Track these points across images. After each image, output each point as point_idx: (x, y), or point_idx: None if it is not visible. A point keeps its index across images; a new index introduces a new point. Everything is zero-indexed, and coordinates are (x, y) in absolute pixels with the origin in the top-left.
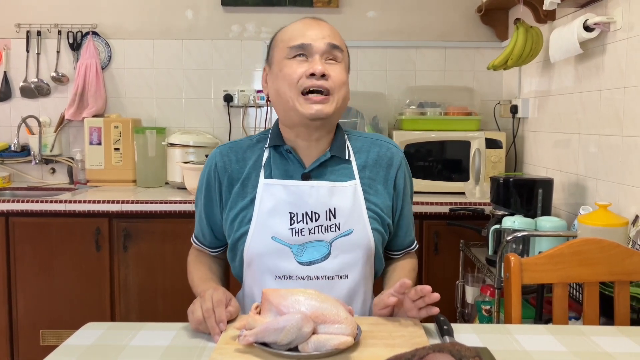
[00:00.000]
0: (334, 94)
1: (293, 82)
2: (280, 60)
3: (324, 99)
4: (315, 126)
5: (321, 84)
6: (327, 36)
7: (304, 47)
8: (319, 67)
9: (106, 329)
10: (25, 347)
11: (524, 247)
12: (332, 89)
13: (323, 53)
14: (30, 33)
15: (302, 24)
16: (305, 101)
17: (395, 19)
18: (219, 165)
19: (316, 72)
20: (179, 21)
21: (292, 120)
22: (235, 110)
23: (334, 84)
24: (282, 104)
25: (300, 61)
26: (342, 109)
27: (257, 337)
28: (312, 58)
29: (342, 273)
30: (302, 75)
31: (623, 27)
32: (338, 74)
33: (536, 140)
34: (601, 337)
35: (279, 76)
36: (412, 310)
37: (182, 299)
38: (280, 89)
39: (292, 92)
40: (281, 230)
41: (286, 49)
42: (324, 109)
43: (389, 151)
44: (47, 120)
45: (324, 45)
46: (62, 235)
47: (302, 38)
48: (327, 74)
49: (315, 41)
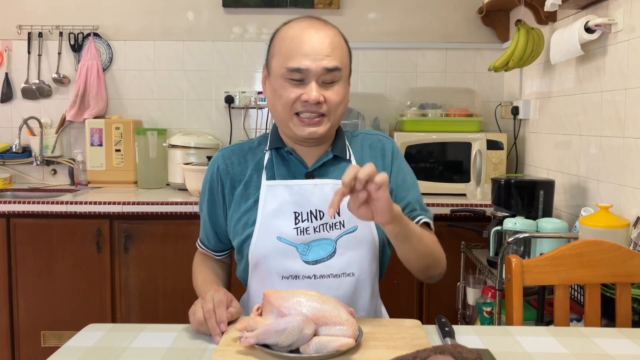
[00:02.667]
0: (330, 115)
1: (288, 105)
2: (277, 77)
3: (319, 121)
4: (309, 143)
5: (315, 110)
6: (326, 56)
7: (300, 72)
8: (313, 95)
9: (107, 331)
10: (26, 348)
11: (525, 248)
12: (327, 112)
13: (320, 76)
14: (32, 34)
15: (301, 32)
16: (299, 122)
17: (396, 21)
18: (221, 168)
19: (310, 101)
20: (180, 22)
21: (288, 135)
22: (237, 111)
23: (329, 107)
24: (278, 119)
25: (296, 84)
26: (338, 122)
27: (259, 338)
28: (308, 82)
29: (349, 271)
30: (297, 99)
31: (624, 28)
32: (335, 96)
33: (537, 142)
34: (602, 339)
35: (276, 94)
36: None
37: (183, 301)
38: (276, 107)
39: (286, 113)
40: (286, 230)
41: (283, 68)
42: (318, 130)
43: (380, 142)
44: (49, 121)
45: (321, 70)
46: (63, 237)
47: (299, 59)
48: (322, 101)
49: (314, 62)
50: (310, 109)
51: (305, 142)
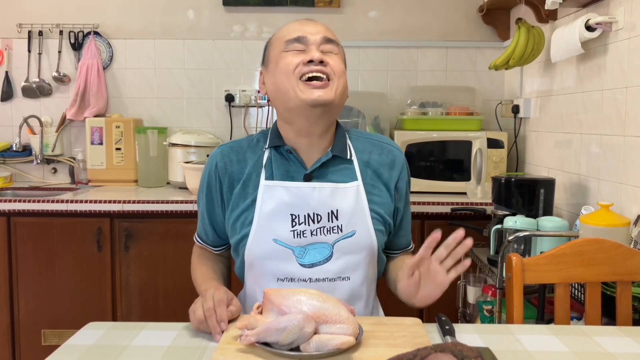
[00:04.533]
0: (334, 80)
1: (290, 71)
2: (277, 55)
3: (325, 84)
4: (317, 115)
5: (320, 69)
6: (323, 31)
7: (299, 40)
8: (316, 54)
9: (107, 329)
10: (26, 347)
11: (525, 247)
12: (331, 75)
13: (319, 44)
14: (32, 33)
15: (297, 22)
16: (305, 87)
17: (396, 19)
18: (219, 165)
19: (314, 59)
20: (181, 21)
21: (293, 112)
22: (237, 110)
23: (332, 70)
24: (282, 96)
25: (296, 53)
26: (342, 100)
27: (259, 337)
28: (308, 48)
29: (344, 275)
30: (300, 63)
31: (625, 26)
32: (336, 62)
33: (538, 140)
34: (603, 338)
35: (276, 70)
36: (439, 274)
37: (183, 299)
38: (279, 81)
39: (291, 80)
40: (283, 233)
41: (282, 44)
42: (325, 94)
43: (391, 153)
44: (49, 120)
45: (320, 38)
46: (63, 235)
47: (298, 32)
48: (325, 60)
49: (312, 34)
50: (314, 68)
51: (313, 113)
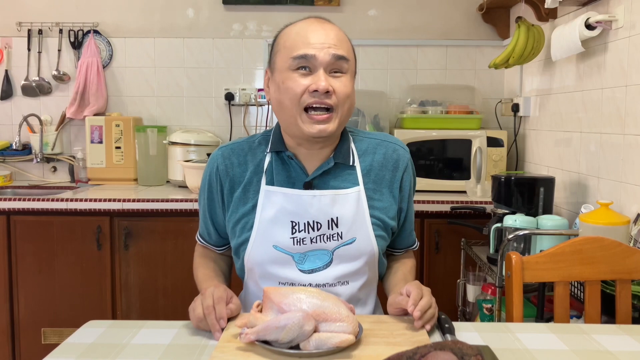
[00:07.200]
0: (338, 110)
1: (296, 98)
2: (283, 71)
3: (327, 118)
4: (317, 141)
5: (324, 102)
6: (333, 45)
7: (307, 59)
8: (322, 84)
9: (107, 327)
10: (26, 345)
11: (525, 245)
12: (335, 105)
13: (327, 65)
14: (32, 31)
15: (306, 27)
16: (308, 119)
17: (396, 18)
18: (220, 168)
19: (319, 89)
20: (180, 20)
21: (294, 134)
22: (237, 108)
23: (338, 99)
24: (284, 117)
25: (303, 74)
26: (346, 121)
27: (259, 335)
28: (315, 71)
29: (344, 280)
30: (305, 90)
31: (625, 25)
32: (343, 87)
33: (537, 139)
34: (602, 336)
35: (282, 88)
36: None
37: (183, 297)
38: (283, 103)
39: (295, 108)
40: (282, 239)
41: (289, 59)
42: (327, 128)
43: (395, 152)
44: (49, 118)
45: (329, 57)
46: (63, 234)
47: (305, 47)
48: (331, 90)
49: (320, 51)
50: (319, 100)
51: (313, 140)
